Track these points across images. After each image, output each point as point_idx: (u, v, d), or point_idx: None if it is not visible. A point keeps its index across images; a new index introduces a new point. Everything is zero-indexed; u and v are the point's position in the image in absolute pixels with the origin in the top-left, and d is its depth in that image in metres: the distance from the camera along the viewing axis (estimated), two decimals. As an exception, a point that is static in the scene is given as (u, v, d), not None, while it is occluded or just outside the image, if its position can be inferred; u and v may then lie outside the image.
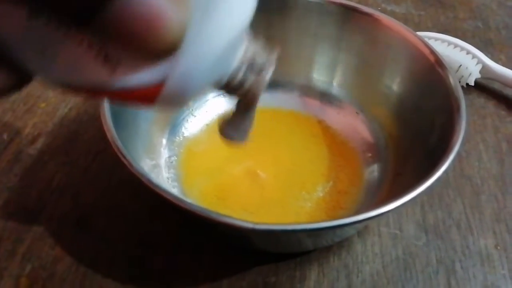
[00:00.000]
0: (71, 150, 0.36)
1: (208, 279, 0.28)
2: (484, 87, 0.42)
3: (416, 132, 0.32)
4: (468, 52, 0.42)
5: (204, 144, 0.36)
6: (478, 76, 0.41)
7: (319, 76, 0.38)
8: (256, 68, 0.18)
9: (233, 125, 0.22)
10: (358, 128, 0.36)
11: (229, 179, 0.34)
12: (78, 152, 0.35)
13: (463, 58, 0.42)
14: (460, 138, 0.27)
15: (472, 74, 0.41)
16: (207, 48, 0.15)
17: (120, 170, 0.33)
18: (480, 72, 0.41)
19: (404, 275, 0.29)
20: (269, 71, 0.19)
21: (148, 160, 0.31)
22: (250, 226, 0.22)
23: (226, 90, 0.19)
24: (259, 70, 0.19)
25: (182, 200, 0.23)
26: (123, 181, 0.33)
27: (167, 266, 0.29)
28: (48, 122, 0.38)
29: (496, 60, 0.42)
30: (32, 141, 0.36)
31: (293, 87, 0.39)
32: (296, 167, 0.34)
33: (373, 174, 0.33)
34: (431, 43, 0.41)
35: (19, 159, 0.35)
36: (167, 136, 0.35)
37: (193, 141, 0.36)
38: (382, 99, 0.35)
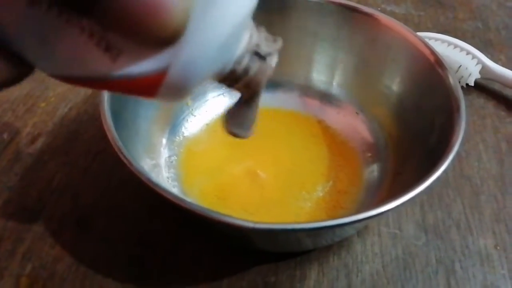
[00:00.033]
0: (71, 150, 0.36)
1: (208, 279, 0.28)
2: (484, 88, 0.42)
3: (416, 132, 0.32)
4: (468, 52, 0.42)
5: (204, 144, 0.36)
6: (478, 76, 0.42)
7: (319, 76, 0.39)
8: (260, 55, 0.18)
9: (237, 120, 0.22)
10: (358, 128, 0.36)
11: (229, 179, 0.34)
12: (78, 152, 0.35)
13: (463, 58, 0.42)
14: (459, 138, 0.27)
15: (472, 75, 0.41)
16: (211, 35, 0.15)
17: (120, 170, 0.33)
18: (480, 72, 0.42)
19: (404, 275, 0.29)
20: (274, 58, 0.19)
21: (148, 159, 0.31)
22: (250, 225, 0.22)
23: (230, 80, 0.18)
24: (264, 57, 0.18)
25: (182, 199, 0.24)
26: (123, 181, 0.33)
27: (167, 265, 0.29)
28: (48, 121, 0.38)
29: (496, 61, 0.42)
30: (32, 140, 0.36)
31: (293, 87, 0.39)
32: (296, 167, 0.34)
33: (373, 174, 0.33)
34: (431, 43, 0.41)
35: (19, 159, 0.35)
36: (167, 136, 0.35)
37: (193, 140, 0.36)
38: (382, 99, 0.36)
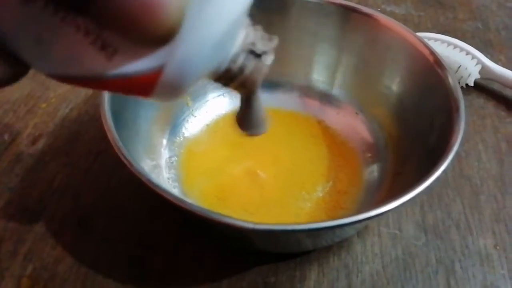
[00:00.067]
0: (72, 151, 0.36)
1: (208, 279, 0.29)
2: (484, 88, 0.43)
3: (415, 132, 0.32)
4: (468, 52, 0.42)
5: (204, 145, 0.36)
6: (478, 76, 0.42)
7: (319, 76, 0.39)
8: (256, 54, 0.18)
9: (245, 121, 0.22)
10: (357, 128, 0.36)
11: (229, 179, 0.34)
12: (79, 153, 0.36)
13: (462, 58, 0.42)
14: (459, 138, 0.27)
15: (472, 75, 0.41)
16: (206, 33, 0.15)
17: (120, 171, 0.33)
18: (480, 72, 0.42)
19: (404, 275, 0.29)
20: (269, 57, 0.19)
21: (148, 160, 0.31)
22: (250, 226, 0.22)
23: (225, 78, 0.18)
24: (259, 56, 0.18)
25: (183, 200, 0.24)
26: (124, 181, 0.33)
27: (167, 266, 0.29)
28: (49, 122, 0.38)
29: (495, 61, 0.42)
30: (33, 141, 0.36)
31: (292, 87, 0.39)
32: (296, 167, 0.34)
33: (372, 174, 0.33)
34: (431, 43, 0.41)
35: (20, 160, 0.35)
36: (167, 137, 0.35)
37: (193, 141, 0.36)
38: (381, 100, 0.36)
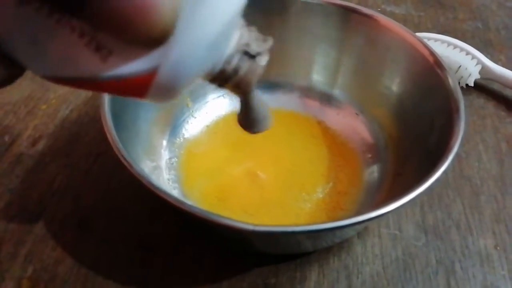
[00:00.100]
0: (72, 152, 0.36)
1: (208, 281, 0.29)
2: (484, 88, 0.42)
3: (415, 133, 0.32)
4: (468, 53, 0.42)
5: (204, 146, 0.36)
6: (478, 76, 0.42)
7: (319, 77, 0.39)
8: (250, 55, 0.18)
9: (247, 120, 0.22)
10: (357, 129, 0.36)
11: (229, 180, 0.34)
12: (79, 154, 0.36)
13: (462, 58, 0.42)
14: (459, 138, 0.27)
15: (472, 75, 0.41)
16: (200, 35, 0.15)
17: (120, 172, 0.33)
18: (480, 72, 0.42)
19: (404, 276, 0.29)
20: (264, 58, 0.19)
21: (148, 161, 0.31)
22: (250, 228, 0.22)
23: (220, 79, 0.18)
24: (253, 57, 0.18)
25: (182, 202, 0.24)
26: (124, 183, 0.33)
27: (167, 267, 0.29)
28: (49, 124, 0.38)
29: (495, 61, 0.42)
30: (33, 143, 0.36)
31: (293, 88, 0.39)
32: (296, 168, 0.34)
33: (373, 175, 0.33)
34: (431, 44, 0.41)
35: (20, 161, 0.35)
36: (167, 138, 0.35)
37: (193, 142, 0.36)
38: (381, 100, 0.36)
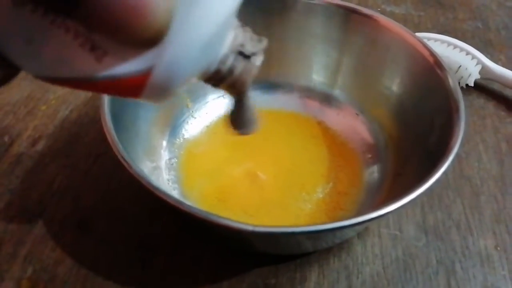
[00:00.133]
0: (71, 153, 0.36)
1: (208, 281, 0.29)
2: (484, 88, 0.42)
3: (416, 133, 0.32)
4: (468, 53, 0.42)
5: (204, 146, 0.36)
6: (478, 76, 0.42)
7: (319, 77, 0.39)
8: (245, 55, 0.18)
9: (237, 121, 0.22)
10: (358, 129, 0.36)
11: (229, 180, 0.34)
12: (78, 155, 0.35)
13: (462, 59, 0.42)
14: (459, 139, 0.27)
15: (472, 75, 0.41)
16: (194, 35, 0.15)
17: (120, 173, 0.33)
18: (480, 72, 0.41)
19: (404, 276, 0.29)
20: (259, 58, 0.19)
21: (148, 162, 0.31)
22: (250, 228, 0.22)
23: (215, 79, 0.18)
24: (248, 57, 0.18)
25: (182, 202, 0.24)
26: (124, 183, 0.33)
27: (167, 268, 0.29)
28: (49, 124, 0.38)
29: (495, 61, 0.42)
30: (33, 143, 0.36)
31: (293, 88, 0.39)
32: (296, 168, 0.34)
33: (373, 175, 0.33)
34: (431, 44, 0.41)
35: (20, 162, 0.35)
36: (167, 138, 0.35)
37: (193, 143, 0.36)
38: (381, 100, 0.36)
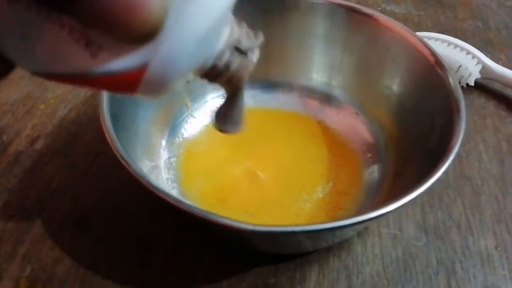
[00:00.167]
0: (70, 152, 0.36)
1: (207, 281, 0.28)
2: (484, 87, 0.42)
3: (416, 132, 0.32)
4: (468, 52, 0.42)
5: (203, 145, 0.36)
6: (478, 76, 0.41)
7: (319, 76, 0.38)
8: (241, 51, 0.18)
9: (224, 117, 0.22)
10: (358, 129, 0.36)
11: (228, 180, 0.34)
12: (77, 154, 0.35)
13: (463, 58, 0.41)
14: (460, 138, 0.27)
15: (472, 74, 0.41)
16: (190, 31, 0.15)
17: (119, 172, 0.33)
18: (480, 72, 0.41)
19: (404, 276, 0.29)
20: (255, 54, 0.19)
21: (147, 161, 0.31)
22: (250, 227, 0.22)
23: (211, 75, 0.18)
24: (245, 53, 0.18)
25: (181, 201, 0.23)
26: (123, 182, 0.33)
27: (166, 267, 0.29)
28: (47, 123, 0.38)
29: (496, 60, 0.42)
30: (32, 142, 0.36)
31: (292, 87, 0.39)
32: (295, 168, 0.34)
33: (373, 175, 0.33)
34: (431, 43, 0.41)
35: (18, 161, 0.35)
36: (166, 137, 0.35)
37: (192, 142, 0.36)
38: (382, 100, 0.35)
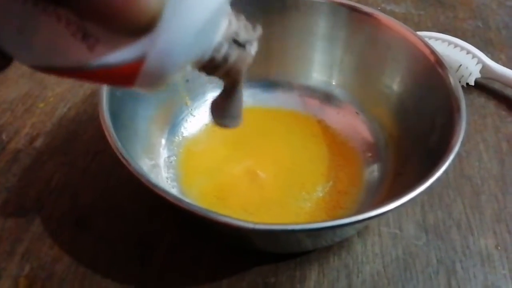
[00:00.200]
0: (70, 150, 0.35)
1: (207, 280, 0.28)
2: (484, 87, 0.42)
3: (416, 132, 0.32)
4: (468, 51, 0.42)
5: (203, 144, 0.35)
6: (478, 76, 0.41)
7: (319, 76, 0.38)
8: (239, 43, 0.18)
9: (222, 111, 0.22)
10: (358, 128, 0.36)
11: (228, 179, 0.33)
12: (77, 152, 0.35)
13: (463, 58, 0.41)
14: (460, 138, 0.26)
15: (472, 74, 0.41)
16: (187, 23, 0.15)
17: (119, 170, 0.33)
18: (480, 72, 0.41)
19: (404, 275, 0.29)
20: (253, 46, 0.19)
21: (147, 160, 0.31)
22: (250, 226, 0.22)
23: (209, 68, 0.18)
24: (243, 45, 0.18)
25: (181, 200, 0.23)
26: (122, 181, 0.33)
27: (166, 266, 0.29)
28: (46, 122, 0.38)
29: (496, 60, 0.42)
30: (31, 141, 0.36)
31: (292, 87, 0.39)
32: (296, 167, 0.34)
33: (373, 174, 0.33)
34: (431, 42, 0.41)
35: (17, 159, 0.35)
36: (166, 136, 0.35)
37: (192, 141, 0.35)
38: (382, 99, 0.35)
